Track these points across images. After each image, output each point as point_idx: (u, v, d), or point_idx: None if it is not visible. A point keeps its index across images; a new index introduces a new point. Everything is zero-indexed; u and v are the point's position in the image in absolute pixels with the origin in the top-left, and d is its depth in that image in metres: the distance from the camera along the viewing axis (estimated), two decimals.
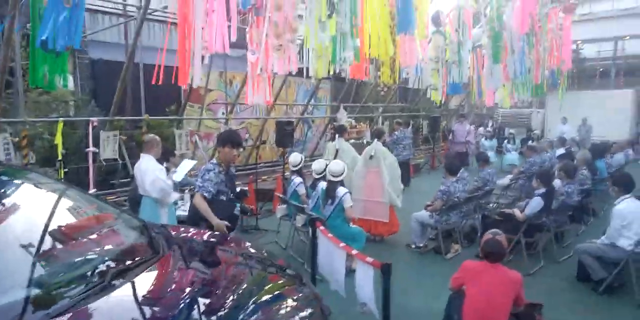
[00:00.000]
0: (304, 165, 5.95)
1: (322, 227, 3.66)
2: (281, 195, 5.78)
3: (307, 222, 4.68)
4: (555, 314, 3.99)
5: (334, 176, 4.81)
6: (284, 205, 5.59)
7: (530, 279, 4.78)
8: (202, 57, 5.15)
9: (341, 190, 4.74)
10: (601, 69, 24.95)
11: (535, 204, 4.83)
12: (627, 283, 4.38)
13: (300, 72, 6.54)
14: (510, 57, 11.85)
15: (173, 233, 2.64)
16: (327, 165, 5.05)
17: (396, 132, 9.56)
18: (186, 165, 4.94)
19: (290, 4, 5.80)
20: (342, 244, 3.31)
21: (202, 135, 10.05)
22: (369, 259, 2.89)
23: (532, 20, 12.26)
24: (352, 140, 10.43)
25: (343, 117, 10.88)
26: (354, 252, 3.13)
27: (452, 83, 10.78)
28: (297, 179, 5.59)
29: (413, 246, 5.64)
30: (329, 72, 6.62)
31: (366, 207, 6.01)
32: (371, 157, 5.95)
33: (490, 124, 16.47)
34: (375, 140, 6.01)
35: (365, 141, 10.73)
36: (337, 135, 6.53)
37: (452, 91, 11.46)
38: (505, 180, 7.23)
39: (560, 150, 8.95)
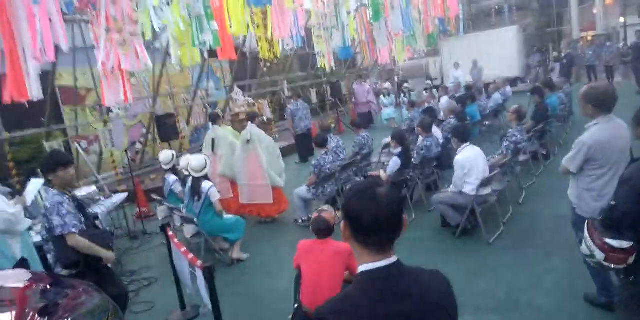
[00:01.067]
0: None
1: (170, 233, 3.68)
2: (157, 197, 5.71)
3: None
4: (417, 262, 4.36)
5: (195, 172, 4.80)
6: (164, 207, 5.54)
7: None
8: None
9: (206, 185, 4.75)
10: (496, 7, 26.10)
11: (393, 163, 5.13)
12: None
13: None
14: (392, 12, 12.04)
15: None
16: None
17: (289, 106, 9.61)
18: (34, 185, 4.63)
19: None
20: (183, 249, 3.36)
21: (93, 138, 9.60)
22: (199, 263, 2.98)
23: None
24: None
25: (239, 98, 10.74)
26: (190, 256, 3.20)
27: (341, 47, 10.85)
28: (172, 178, 5.53)
29: (300, 221, 5.84)
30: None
31: (251, 192, 6.10)
32: (248, 141, 5.98)
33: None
34: (249, 123, 6.01)
35: (265, 118, 10.73)
36: (211, 124, 6.45)
37: (342, 56, 11.59)
38: (388, 138, 7.54)
39: (444, 99, 9.41)
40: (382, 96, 13.03)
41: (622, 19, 19.75)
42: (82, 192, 5.61)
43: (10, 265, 3.85)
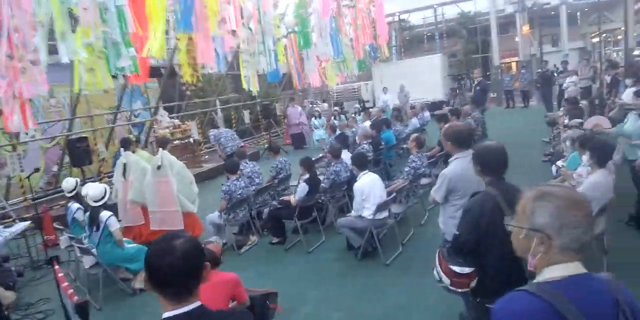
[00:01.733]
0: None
1: (57, 267, 3.58)
2: (58, 226, 5.51)
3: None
4: (320, 284, 4.53)
5: (94, 201, 4.71)
6: (66, 236, 5.35)
7: (309, 256, 5.33)
8: None
9: (105, 215, 4.66)
10: (428, 34, 27.71)
11: (301, 189, 5.30)
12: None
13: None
14: (321, 40, 12.53)
15: None
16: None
17: (211, 131, 9.66)
18: None
19: (29, 25, 5.39)
20: (64, 284, 3.28)
21: (3, 161, 9.10)
22: (75, 298, 2.94)
23: (337, 4, 13.12)
24: (177, 141, 10.31)
25: (164, 119, 10.62)
26: (70, 291, 3.14)
27: (270, 71, 11.08)
28: (74, 205, 5.36)
29: None
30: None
31: (162, 218, 6.01)
32: (159, 167, 5.94)
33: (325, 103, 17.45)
34: (160, 149, 5.98)
35: (192, 140, 10.66)
36: (122, 149, 6.36)
37: (271, 78, 11.85)
38: None
39: (366, 123, 9.83)
40: (313, 118, 13.37)
41: (539, 47, 21.64)
42: None
43: None
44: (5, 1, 5.12)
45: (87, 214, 4.80)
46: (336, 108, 14.26)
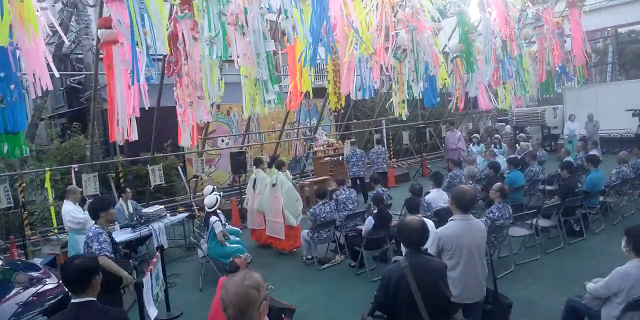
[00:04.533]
0: None
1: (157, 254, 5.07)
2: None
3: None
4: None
5: (208, 208, 6.21)
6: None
7: (372, 284, 5.76)
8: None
9: (213, 219, 6.10)
10: None
11: (367, 222, 5.77)
12: None
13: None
14: (487, 65, 12.17)
15: None
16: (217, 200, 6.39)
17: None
18: None
19: (197, 70, 7.32)
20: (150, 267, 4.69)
21: (205, 161, 12.01)
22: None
23: (509, 26, 12.47)
24: (328, 158, 11.63)
25: (321, 137, 12.09)
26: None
27: (427, 95, 11.47)
28: (213, 218, 6.37)
29: (304, 258, 6.79)
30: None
31: (272, 227, 7.30)
32: (273, 184, 7.24)
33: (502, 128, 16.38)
34: (276, 170, 7.26)
35: (341, 157, 11.84)
36: (254, 167, 7.87)
37: (428, 103, 12.11)
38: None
39: (506, 158, 9.28)
40: (471, 144, 12.98)
41: None
42: (150, 209, 7.53)
43: None
44: (182, 53, 7.11)
45: (203, 216, 6.36)
46: (475, 135, 13.41)
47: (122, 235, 6.69)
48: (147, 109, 6.54)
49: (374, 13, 9.24)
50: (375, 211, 5.83)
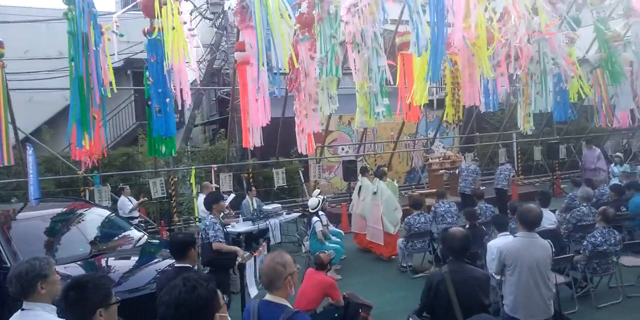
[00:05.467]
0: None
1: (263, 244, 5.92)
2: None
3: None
4: None
5: (311, 209, 6.91)
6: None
7: None
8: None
9: (314, 219, 6.78)
10: None
11: None
12: None
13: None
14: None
15: None
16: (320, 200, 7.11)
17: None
18: (230, 197, 7.90)
19: (313, 87, 8.15)
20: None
21: (325, 167, 12.99)
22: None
23: None
24: (443, 171, 11.59)
25: (438, 150, 12.07)
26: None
27: (558, 109, 10.83)
28: (314, 218, 7.09)
29: (400, 266, 7.06)
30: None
31: (372, 233, 7.73)
32: (374, 193, 7.68)
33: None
34: (378, 179, 7.69)
35: (456, 171, 11.67)
36: (360, 175, 8.38)
37: (557, 117, 11.25)
38: None
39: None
40: (612, 164, 11.61)
41: None
42: (269, 206, 8.57)
43: None
44: (303, 68, 7.96)
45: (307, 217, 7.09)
46: (618, 154, 11.65)
47: (243, 227, 7.83)
48: (268, 121, 7.56)
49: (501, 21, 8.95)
50: (467, 226, 5.87)
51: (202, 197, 7.27)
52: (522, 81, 10.50)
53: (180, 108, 7.52)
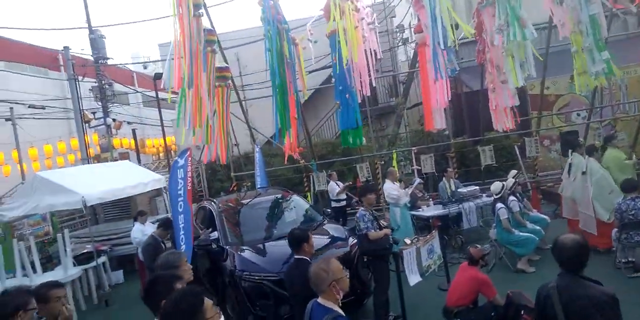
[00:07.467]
0: None
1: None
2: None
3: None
4: None
5: (495, 194, 6.31)
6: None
7: None
8: None
9: (498, 205, 6.18)
10: None
11: None
12: None
13: None
14: None
15: None
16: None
17: None
18: (415, 182, 7.94)
19: (499, 55, 7.26)
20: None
21: (555, 138, 11.32)
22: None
23: None
24: None
25: None
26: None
27: None
28: (498, 205, 6.44)
29: (617, 261, 5.76)
30: None
31: (584, 220, 6.54)
32: (583, 173, 6.42)
33: None
34: (587, 156, 6.30)
35: None
36: (570, 151, 6.99)
37: None
38: None
39: None
40: None
41: None
42: (465, 189, 8.21)
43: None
44: (488, 36, 7.15)
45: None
46: None
47: (432, 211, 7.82)
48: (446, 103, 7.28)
49: None
50: None
51: (388, 182, 7.60)
52: None
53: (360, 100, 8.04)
